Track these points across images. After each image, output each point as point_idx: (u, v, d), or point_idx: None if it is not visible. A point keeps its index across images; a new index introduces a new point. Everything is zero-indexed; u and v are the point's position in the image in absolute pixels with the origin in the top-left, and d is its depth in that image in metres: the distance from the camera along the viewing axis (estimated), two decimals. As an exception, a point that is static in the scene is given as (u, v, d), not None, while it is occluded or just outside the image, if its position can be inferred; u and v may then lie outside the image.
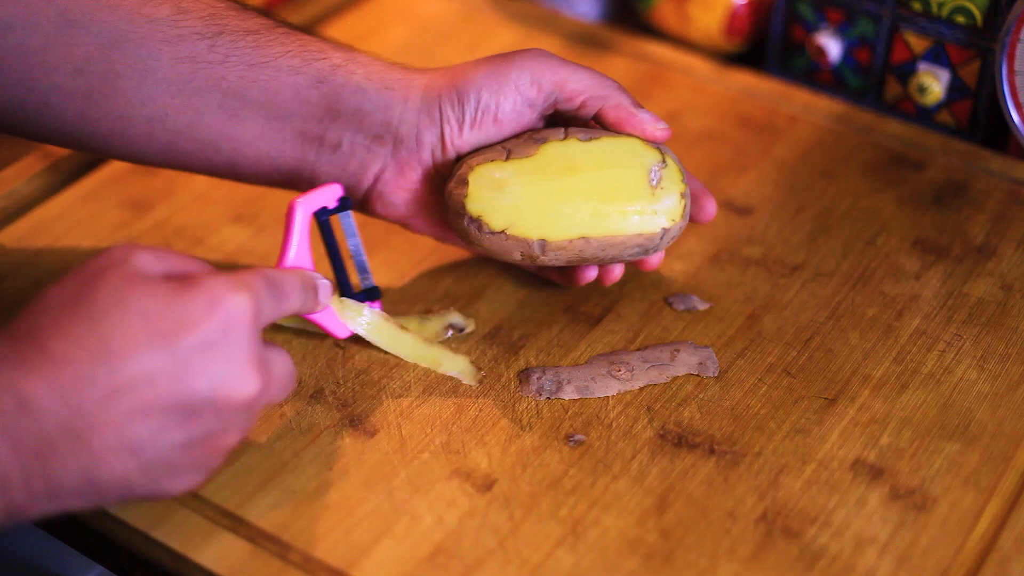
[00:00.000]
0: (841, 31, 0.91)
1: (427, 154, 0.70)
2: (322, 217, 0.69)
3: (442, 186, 0.71)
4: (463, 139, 0.69)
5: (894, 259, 0.78)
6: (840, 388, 0.70)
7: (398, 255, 0.78)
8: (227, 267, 0.64)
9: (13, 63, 0.67)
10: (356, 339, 0.71)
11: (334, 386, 0.69)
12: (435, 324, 0.73)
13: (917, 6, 0.87)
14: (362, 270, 0.72)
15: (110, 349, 0.54)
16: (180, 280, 0.57)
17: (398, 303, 0.74)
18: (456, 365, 0.70)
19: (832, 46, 0.91)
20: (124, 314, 0.55)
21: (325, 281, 0.66)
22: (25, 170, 0.82)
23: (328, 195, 0.69)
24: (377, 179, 0.70)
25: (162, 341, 0.55)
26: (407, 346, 0.71)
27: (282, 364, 0.60)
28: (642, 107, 0.70)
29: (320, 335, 0.71)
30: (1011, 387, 0.70)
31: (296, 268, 0.66)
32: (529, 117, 0.69)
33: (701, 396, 0.69)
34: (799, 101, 0.91)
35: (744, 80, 0.93)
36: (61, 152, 0.84)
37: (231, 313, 0.56)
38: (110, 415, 0.54)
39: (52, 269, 0.76)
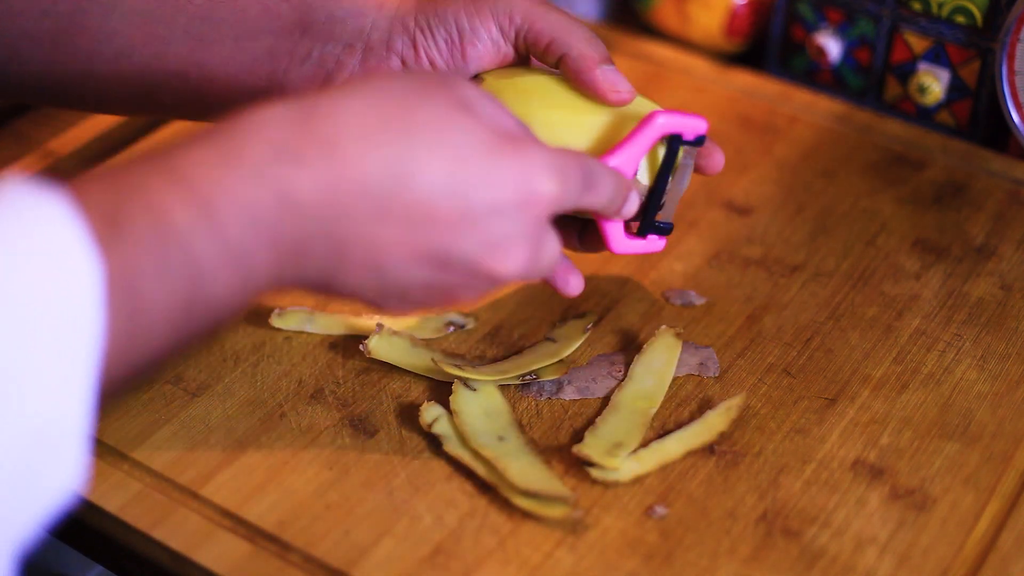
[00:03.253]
0: (841, 31, 0.91)
1: (397, 62, 0.67)
2: (675, 144, 0.66)
3: None
4: (435, 52, 0.67)
5: (894, 259, 0.78)
6: (840, 388, 0.70)
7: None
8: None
9: None
10: (354, 340, 0.71)
11: (334, 386, 0.69)
12: (434, 321, 0.73)
13: (917, 6, 0.87)
14: (669, 208, 0.68)
15: (409, 172, 0.53)
16: (504, 137, 0.56)
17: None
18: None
19: (832, 46, 0.91)
20: (439, 141, 0.54)
21: (636, 195, 0.64)
22: (25, 170, 0.82)
23: (691, 126, 0.65)
24: None
25: (461, 189, 0.54)
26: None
27: (551, 250, 0.59)
28: (610, 64, 0.66)
29: (320, 336, 0.71)
30: (1011, 387, 0.70)
31: (616, 170, 0.63)
32: (504, 50, 0.67)
33: (700, 395, 0.69)
34: (799, 101, 0.91)
35: (744, 80, 0.93)
36: (61, 151, 0.84)
37: (535, 195, 0.56)
38: (376, 236, 0.53)
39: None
